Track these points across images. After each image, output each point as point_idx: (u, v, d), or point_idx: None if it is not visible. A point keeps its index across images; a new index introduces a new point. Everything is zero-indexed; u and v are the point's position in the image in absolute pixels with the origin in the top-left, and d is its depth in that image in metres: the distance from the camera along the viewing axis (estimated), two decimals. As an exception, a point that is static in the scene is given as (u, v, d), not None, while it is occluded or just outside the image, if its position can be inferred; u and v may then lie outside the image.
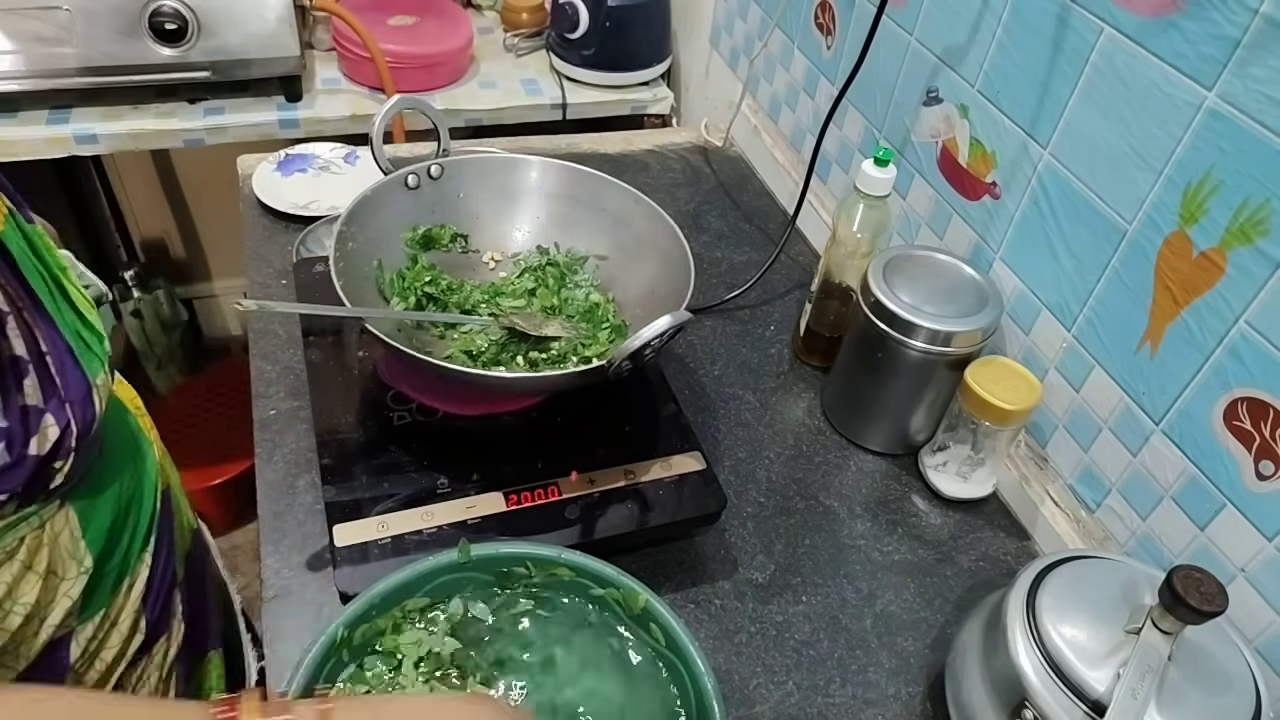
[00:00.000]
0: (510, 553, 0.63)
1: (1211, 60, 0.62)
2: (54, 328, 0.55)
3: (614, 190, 0.90)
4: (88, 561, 0.59)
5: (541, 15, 1.60)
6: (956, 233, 0.92)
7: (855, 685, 0.72)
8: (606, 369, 0.69)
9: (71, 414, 0.54)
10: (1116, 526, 0.77)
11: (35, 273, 0.55)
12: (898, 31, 0.96)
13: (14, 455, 0.50)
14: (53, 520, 0.56)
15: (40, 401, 0.52)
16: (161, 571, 0.68)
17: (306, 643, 0.56)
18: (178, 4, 1.22)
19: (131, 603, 0.65)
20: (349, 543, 0.69)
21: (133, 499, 0.65)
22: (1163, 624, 0.56)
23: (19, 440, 0.50)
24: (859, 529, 0.84)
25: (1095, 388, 0.77)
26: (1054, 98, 0.77)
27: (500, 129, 1.47)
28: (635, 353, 0.67)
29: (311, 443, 0.79)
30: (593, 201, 0.91)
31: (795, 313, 1.07)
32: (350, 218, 0.80)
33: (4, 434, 0.49)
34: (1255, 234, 0.61)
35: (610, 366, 0.68)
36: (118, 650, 0.63)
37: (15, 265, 0.53)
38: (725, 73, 1.41)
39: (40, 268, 0.56)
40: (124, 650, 0.64)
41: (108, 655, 0.63)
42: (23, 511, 0.53)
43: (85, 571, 0.58)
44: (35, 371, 0.52)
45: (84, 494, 0.59)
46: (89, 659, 0.61)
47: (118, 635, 0.63)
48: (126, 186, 1.99)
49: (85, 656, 0.60)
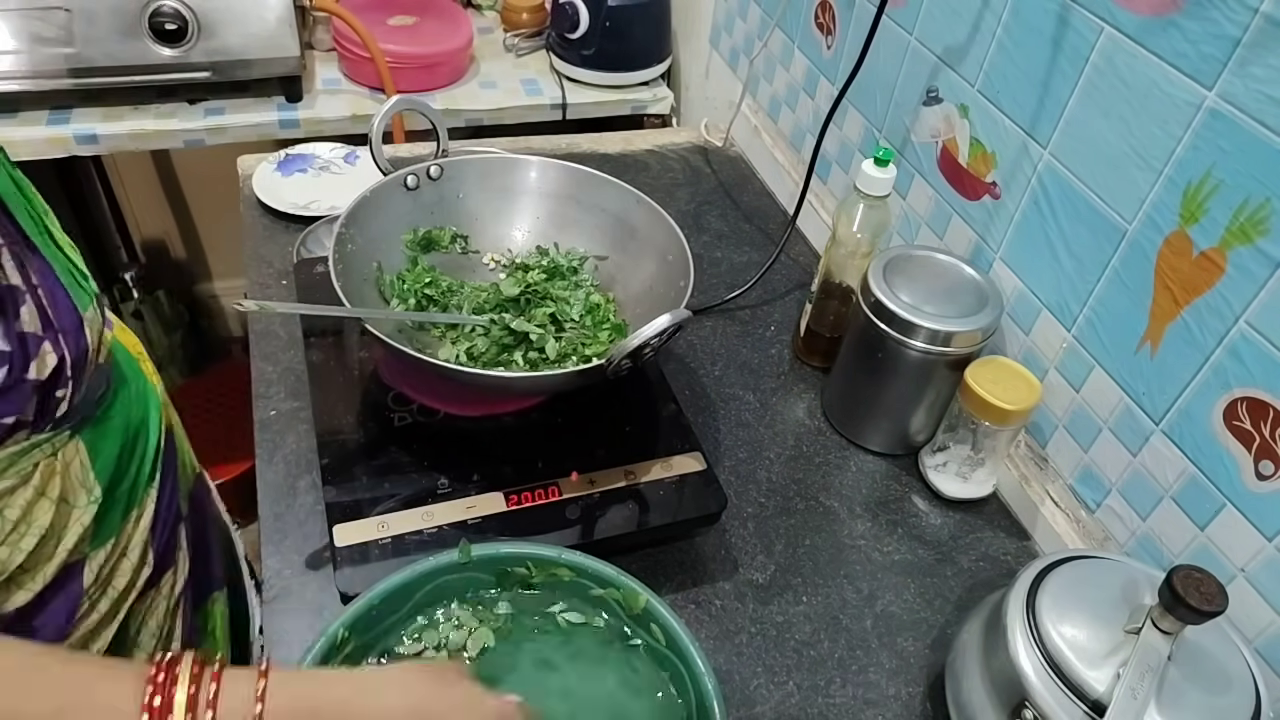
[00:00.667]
0: (510, 553, 0.63)
1: (1212, 60, 0.62)
2: (45, 263, 0.58)
3: (614, 190, 0.90)
4: (97, 491, 0.62)
5: (541, 15, 1.60)
6: (956, 233, 0.92)
7: (856, 685, 0.72)
8: (605, 368, 0.69)
9: (65, 344, 0.56)
10: (1116, 526, 0.77)
11: (24, 211, 0.58)
12: (898, 31, 0.96)
13: (13, 378, 0.52)
14: (64, 450, 0.59)
15: (39, 330, 0.55)
16: (167, 504, 0.71)
17: (307, 643, 0.56)
18: (178, 4, 1.22)
19: (140, 532, 0.67)
20: (349, 543, 0.69)
21: (138, 434, 0.67)
22: (1162, 624, 0.56)
23: (18, 365, 0.53)
24: (859, 529, 0.84)
25: (1095, 388, 0.77)
26: (1054, 97, 0.77)
27: (500, 129, 1.47)
28: (634, 351, 0.67)
29: (312, 443, 0.79)
30: (592, 201, 0.91)
31: (795, 313, 1.07)
32: (350, 219, 0.80)
33: (5, 358, 0.52)
34: (1255, 234, 0.61)
35: (609, 365, 0.68)
36: (129, 579, 0.66)
37: (3, 202, 0.56)
38: (725, 73, 1.41)
39: (28, 207, 0.59)
40: (134, 580, 0.67)
41: (119, 583, 0.66)
42: (35, 438, 0.56)
43: (95, 500, 0.61)
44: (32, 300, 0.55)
45: (92, 426, 0.62)
46: (102, 585, 0.64)
47: (128, 564, 0.66)
48: (127, 187, 1.99)
49: (99, 582, 0.64)
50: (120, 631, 0.67)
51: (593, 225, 0.92)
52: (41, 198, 0.63)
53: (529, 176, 0.92)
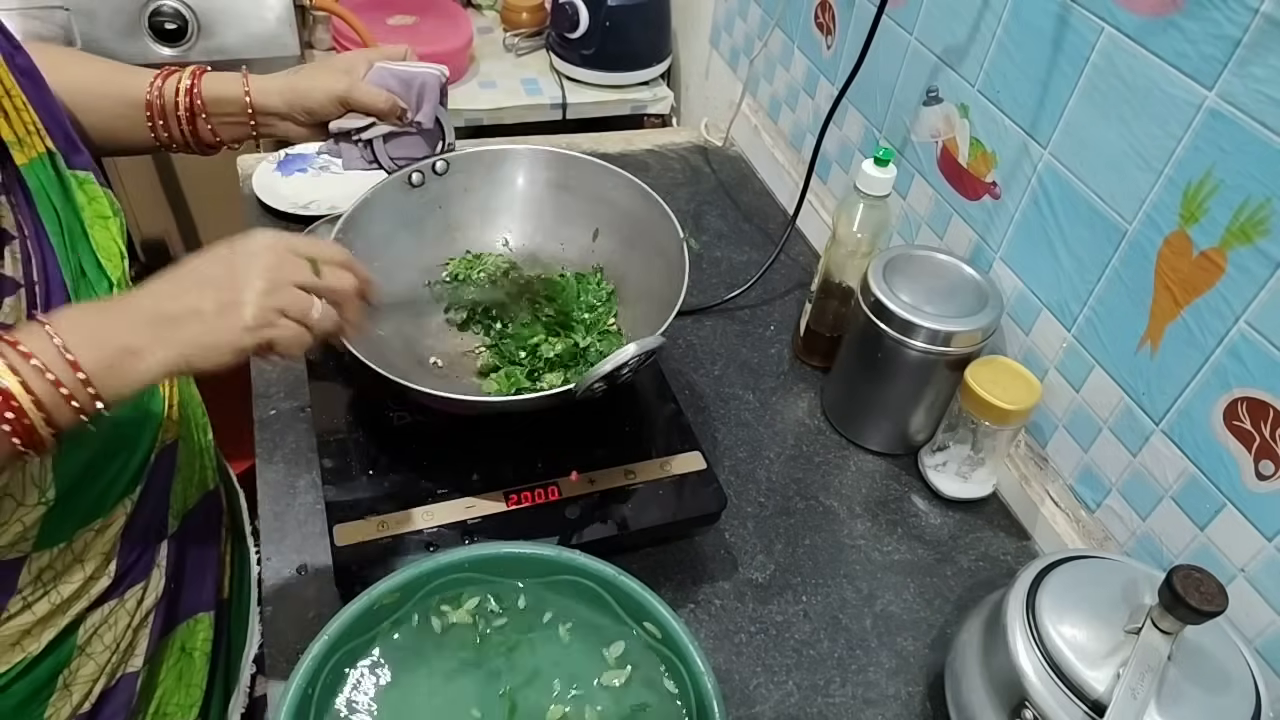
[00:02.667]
0: (510, 553, 0.63)
1: (1212, 60, 0.62)
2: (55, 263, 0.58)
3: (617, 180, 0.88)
4: (50, 493, 0.59)
5: (541, 15, 1.60)
6: (956, 232, 0.92)
7: (855, 685, 0.72)
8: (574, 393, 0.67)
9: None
10: (1116, 526, 0.77)
11: (50, 210, 0.59)
12: (898, 31, 0.96)
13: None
14: None
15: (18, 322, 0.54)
16: (146, 521, 0.68)
17: (306, 643, 0.56)
18: (178, 4, 1.22)
19: (103, 543, 0.65)
20: (349, 543, 0.69)
21: (121, 445, 0.65)
22: (1162, 624, 0.56)
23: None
24: (859, 529, 0.84)
25: (1095, 388, 0.77)
26: (1054, 97, 0.77)
27: (500, 129, 1.47)
28: (608, 375, 0.66)
29: (312, 443, 0.79)
30: (600, 194, 0.90)
31: (795, 313, 1.07)
32: (351, 218, 0.80)
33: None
34: (1255, 234, 0.61)
35: (578, 391, 0.66)
36: (77, 588, 0.63)
37: (30, 197, 0.57)
38: (725, 72, 1.41)
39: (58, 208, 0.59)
40: (85, 589, 0.64)
41: (64, 590, 0.63)
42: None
43: (45, 502, 0.58)
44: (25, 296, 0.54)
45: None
46: (43, 587, 0.61)
47: (80, 572, 0.63)
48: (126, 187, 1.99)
49: (38, 584, 0.61)
50: (66, 637, 0.64)
51: (594, 214, 0.91)
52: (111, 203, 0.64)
53: (533, 166, 0.91)
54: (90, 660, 0.66)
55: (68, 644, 0.64)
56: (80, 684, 0.66)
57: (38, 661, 0.62)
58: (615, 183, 0.89)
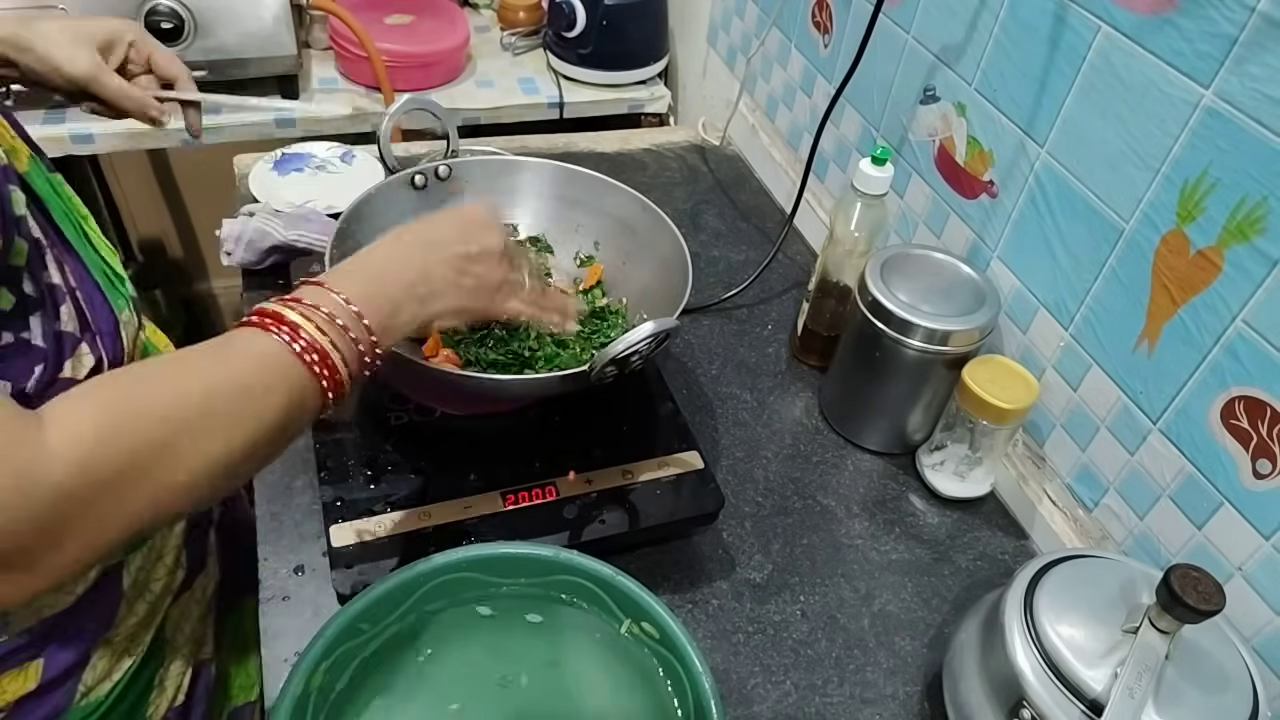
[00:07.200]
0: (508, 553, 0.63)
1: (1209, 58, 0.62)
2: (81, 265, 0.58)
3: (619, 194, 0.90)
4: None
5: (538, 14, 1.60)
6: (954, 231, 0.92)
7: (853, 685, 0.72)
8: (589, 374, 0.68)
9: (103, 346, 0.57)
10: (1114, 525, 0.77)
11: (61, 213, 0.59)
12: (895, 30, 0.96)
13: (47, 376, 0.52)
14: None
15: (76, 330, 0.55)
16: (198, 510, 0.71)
17: (304, 644, 0.56)
18: (174, 3, 1.22)
19: (175, 536, 0.68)
20: (346, 543, 0.68)
21: None
22: (1160, 623, 0.56)
23: (52, 364, 0.53)
24: (856, 528, 0.84)
25: (1093, 387, 0.77)
26: (1051, 96, 0.76)
27: (497, 128, 1.47)
28: (621, 359, 0.65)
29: (309, 443, 0.79)
30: (596, 204, 0.91)
31: (793, 312, 1.07)
32: (352, 216, 0.80)
33: (41, 355, 0.52)
34: (1252, 232, 0.61)
35: (592, 372, 0.67)
36: (164, 583, 0.67)
37: (42, 203, 0.57)
38: (722, 71, 1.41)
39: (66, 210, 0.60)
40: (170, 583, 0.68)
41: (155, 587, 0.66)
42: None
43: None
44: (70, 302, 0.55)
45: None
46: (139, 589, 0.65)
47: (163, 568, 0.67)
48: (123, 186, 1.98)
49: (136, 586, 0.64)
50: (158, 634, 0.67)
51: (596, 227, 0.92)
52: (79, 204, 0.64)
53: (536, 178, 0.92)
54: (177, 655, 0.70)
55: (159, 643, 0.68)
56: (172, 679, 0.70)
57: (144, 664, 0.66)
58: (612, 193, 0.90)
